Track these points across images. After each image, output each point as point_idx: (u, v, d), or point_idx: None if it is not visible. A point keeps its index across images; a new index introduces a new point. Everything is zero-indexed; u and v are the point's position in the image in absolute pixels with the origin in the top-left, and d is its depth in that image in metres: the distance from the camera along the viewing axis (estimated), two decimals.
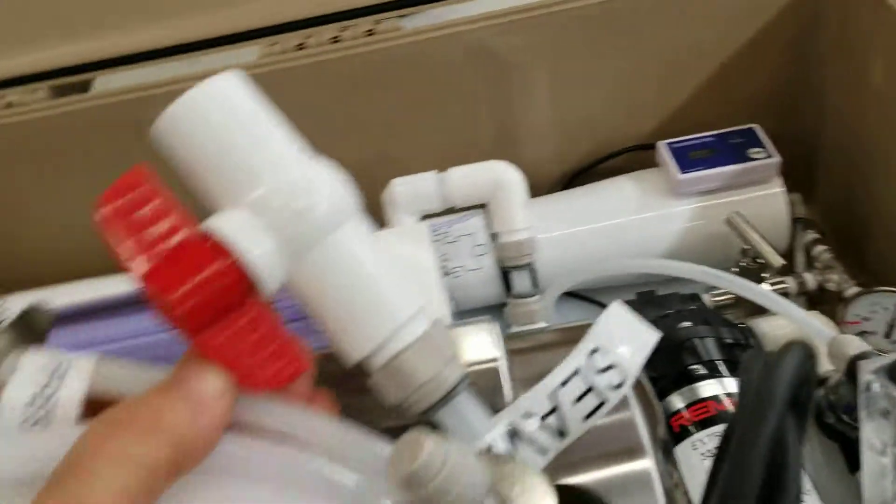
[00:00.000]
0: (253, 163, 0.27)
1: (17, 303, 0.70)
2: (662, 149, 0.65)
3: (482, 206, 0.64)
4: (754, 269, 0.60)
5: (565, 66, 0.66)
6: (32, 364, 0.25)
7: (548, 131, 0.70)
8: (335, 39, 0.64)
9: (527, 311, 0.62)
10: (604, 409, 0.29)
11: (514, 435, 0.28)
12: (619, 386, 0.29)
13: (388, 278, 0.28)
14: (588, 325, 0.31)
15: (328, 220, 0.27)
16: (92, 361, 0.26)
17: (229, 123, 0.27)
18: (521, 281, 0.62)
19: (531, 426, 0.28)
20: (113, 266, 0.74)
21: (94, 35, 0.67)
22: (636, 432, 0.45)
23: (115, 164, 0.71)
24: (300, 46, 0.64)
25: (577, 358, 0.29)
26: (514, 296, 0.63)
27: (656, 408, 0.48)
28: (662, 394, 0.52)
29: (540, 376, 0.31)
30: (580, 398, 0.29)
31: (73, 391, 0.25)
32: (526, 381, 0.31)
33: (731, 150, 0.64)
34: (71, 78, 0.68)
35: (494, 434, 0.28)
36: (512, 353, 0.45)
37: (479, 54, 0.64)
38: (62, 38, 0.67)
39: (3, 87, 0.67)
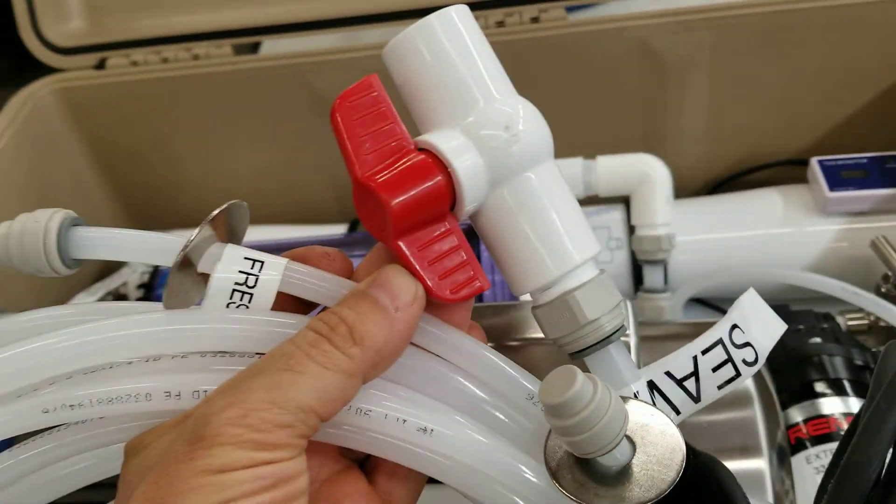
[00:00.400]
0: (471, 90, 0.29)
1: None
2: (814, 165, 0.64)
3: (620, 200, 0.65)
4: (894, 297, 0.59)
5: (725, 72, 0.66)
6: (236, 254, 0.28)
7: (698, 135, 0.70)
8: (500, 24, 0.67)
9: (656, 307, 0.62)
10: (736, 383, 0.30)
11: (653, 388, 0.29)
12: (752, 364, 0.30)
13: (574, 220, 0.30)
14: (714, 324, 0.32)
15: (530, 154, 0.29)
16: (283, 261, 0.28)
17: (456, 50, 0.29)
18: (653, 276, 0.62)
19: (671, 385, 0.29)
20: (262, 217, 0.78)
21: (267, 1, 0.71)
22: (755, 432, 0.45)
23: (279, 121, 0.75)
24: None
25: (719, 330, 0.30)
26: (645, 290, 0.63)
27: (778, 413, 0.48)
28: (783, 405, 0.52)
29: None
30: (718, 368, 0.30)
31: (269, 283, 0.27)
32: None
33: (886, 174, 0.62)
34: (244, 38, 0.72)
35: (638, 384, 0.29)
36: (640, 339, 0.46)
37: (641, 52, 0.65)
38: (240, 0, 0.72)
39: (190, 40, 0.73)
